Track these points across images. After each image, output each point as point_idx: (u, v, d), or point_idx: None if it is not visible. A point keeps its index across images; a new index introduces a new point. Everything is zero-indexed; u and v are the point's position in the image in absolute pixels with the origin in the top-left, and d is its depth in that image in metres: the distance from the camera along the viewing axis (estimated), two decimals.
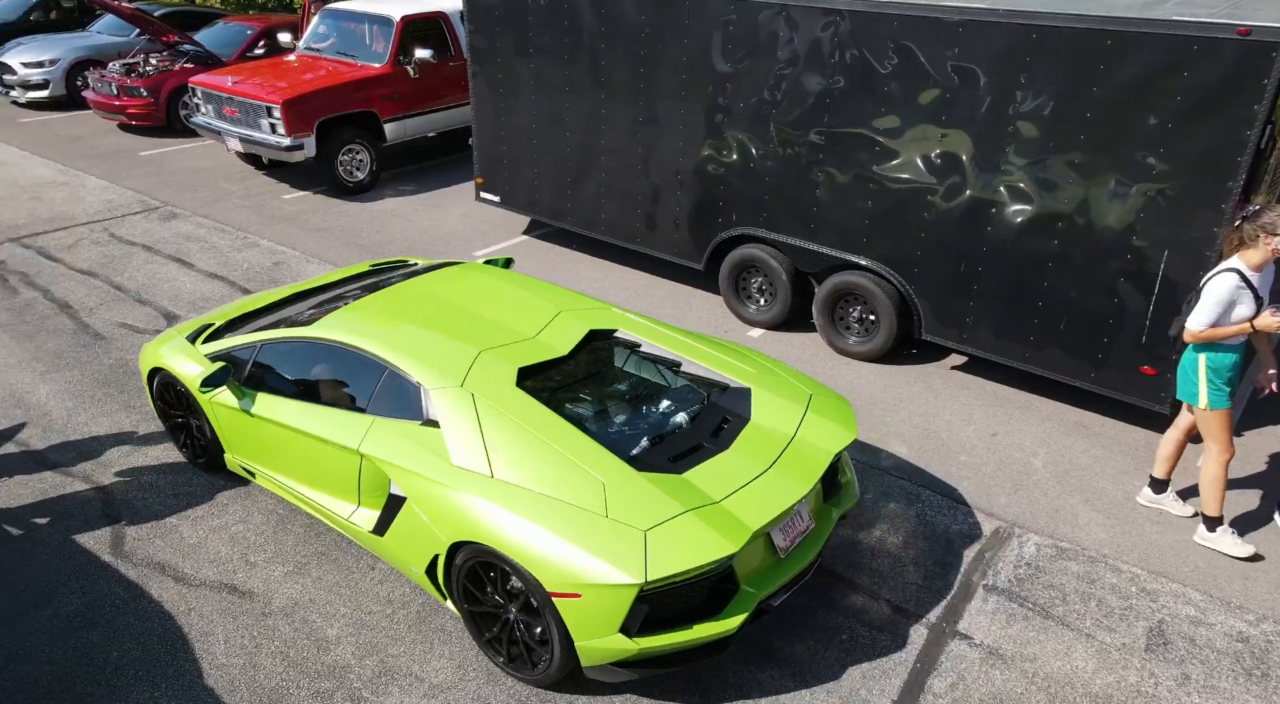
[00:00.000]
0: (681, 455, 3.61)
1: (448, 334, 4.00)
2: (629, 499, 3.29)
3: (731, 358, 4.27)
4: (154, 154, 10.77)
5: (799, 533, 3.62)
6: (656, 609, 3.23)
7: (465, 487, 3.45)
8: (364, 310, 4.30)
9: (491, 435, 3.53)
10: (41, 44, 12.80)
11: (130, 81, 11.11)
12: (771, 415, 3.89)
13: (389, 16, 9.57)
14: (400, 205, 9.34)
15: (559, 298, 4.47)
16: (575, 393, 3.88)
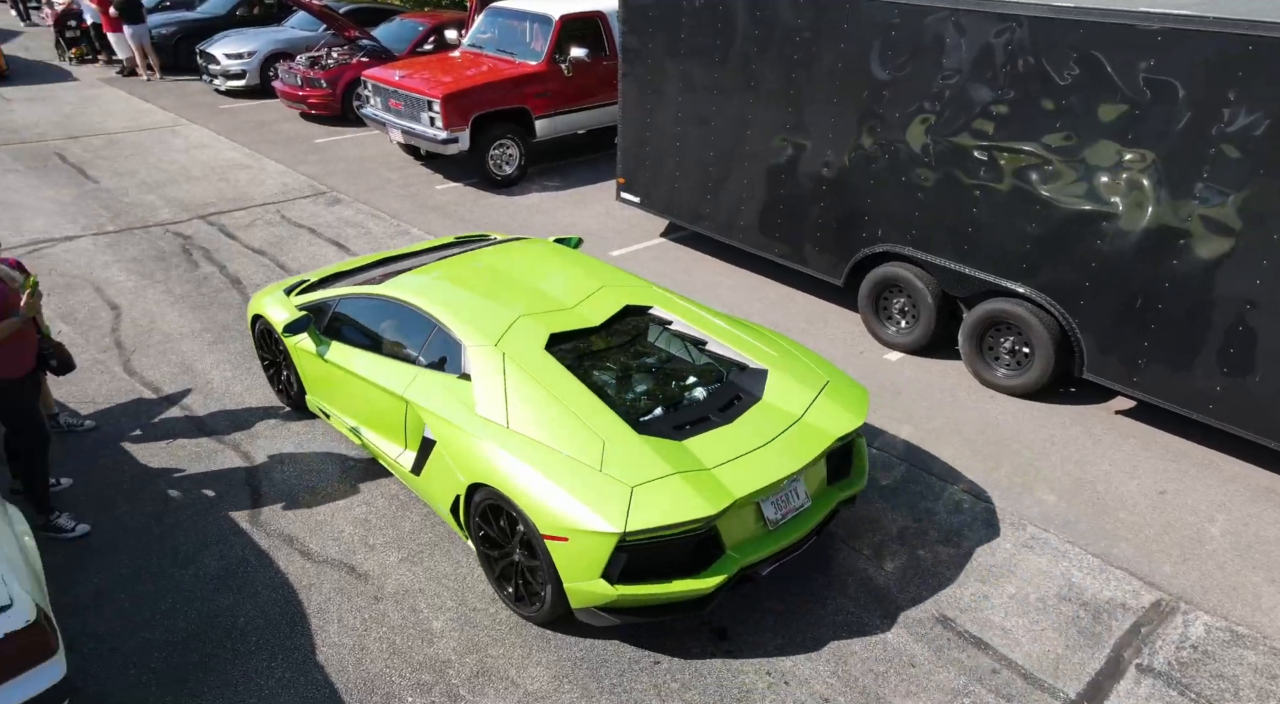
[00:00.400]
0: (686, 425, 3.85)
1: (494, 299, 4.38)
2: (624, 458, 3.57)
3: (757, 341, 4.45)
4: (327, 141, 11.53)
5: (792, 509, 3.80)
6: (639, 560, 3.48)
7: (484, 434, 3.82)
8: (428, 274, 4.74)
9: (513, 391, 3.87)
10: (242, 37, 14.01)
11: (313, 73, 11.96)
12: (783, 396, 4.07)
13: (549, 15, 9.76)
14: (544, 200, 9.52)
15: (605, 274, 4.76)
16: (599, 360, 4.16)
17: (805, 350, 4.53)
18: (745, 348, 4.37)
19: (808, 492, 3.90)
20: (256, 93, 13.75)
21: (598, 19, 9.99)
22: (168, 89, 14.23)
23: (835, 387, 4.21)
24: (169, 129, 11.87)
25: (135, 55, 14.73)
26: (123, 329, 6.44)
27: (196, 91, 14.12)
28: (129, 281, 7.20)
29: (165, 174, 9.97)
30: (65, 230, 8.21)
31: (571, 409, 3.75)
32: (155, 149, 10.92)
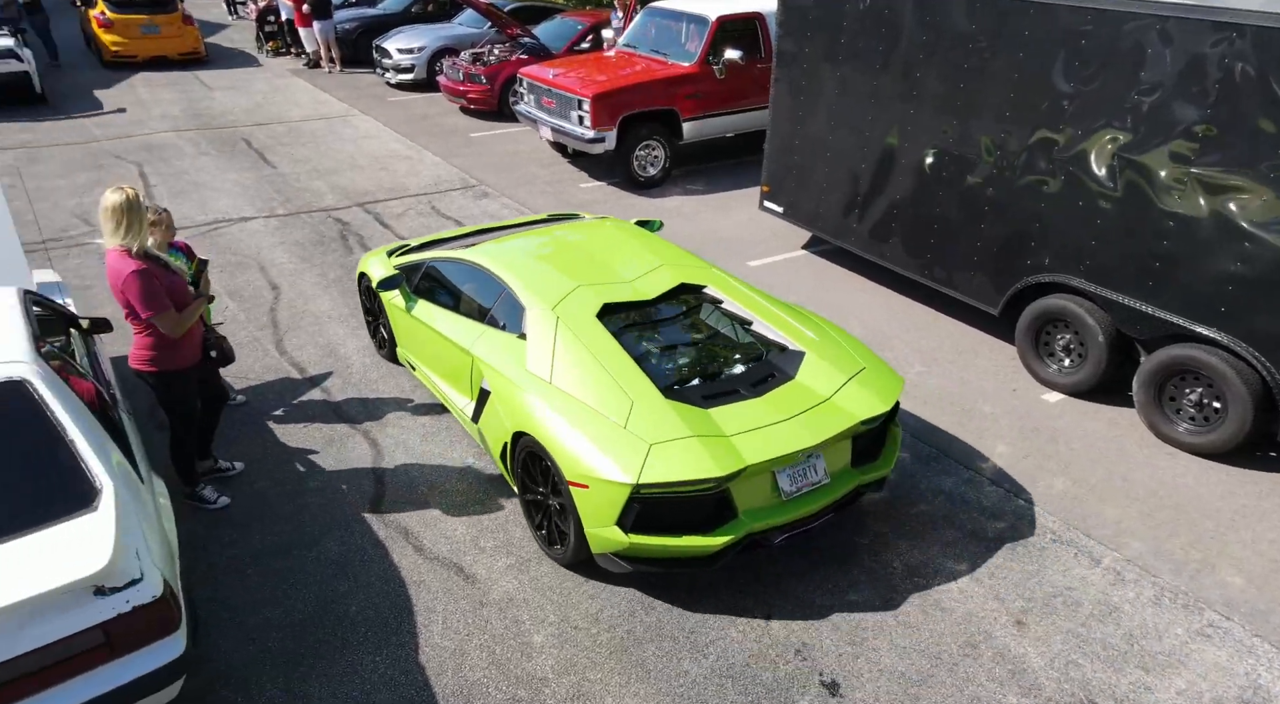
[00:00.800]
0: (714, 396, 4.06)
1: (560, 270, 4.71)
2: (648, 418, 3.84)
3: (803, 326, 4.59)
4: (481, 136, 11.89)
5: (809, 483, 3.96)
6: (651, 512, 3.74)
7: (529, 387, 4.19)
8: (507, 243, 5.19)
9: (559, 350, 4.21)
10: (414, 33, 14.72)
11: (474, 69, 12.36)
12: (814, 377, 4.22)
13: (705, 16, 9.58)
14: (685, 204, 9.37)
15: (667, 253, 5.02)
16: (646, 330, 4.45)
17: (850, 338, 4.66)
18: (789, 331, 4.55)
19: (828, 469, 4.06)
20: (423, 86, 14.39)
21: (756, 20, 9.72)
22: (345, 81, 15.16)
23: (870, 373, 4.32)
24: (342, 119, 12.62)
25: (320, 49, 15.81)
26: (280, 309, 6.84)
27: (369, 84, 14.97)
28: (290, 263, 7.65)
29: (334, 162, 10.59)
30: (243, 211, 8.85)
31: (608, 371, 4.06)
32: (328, 138, 11.63)
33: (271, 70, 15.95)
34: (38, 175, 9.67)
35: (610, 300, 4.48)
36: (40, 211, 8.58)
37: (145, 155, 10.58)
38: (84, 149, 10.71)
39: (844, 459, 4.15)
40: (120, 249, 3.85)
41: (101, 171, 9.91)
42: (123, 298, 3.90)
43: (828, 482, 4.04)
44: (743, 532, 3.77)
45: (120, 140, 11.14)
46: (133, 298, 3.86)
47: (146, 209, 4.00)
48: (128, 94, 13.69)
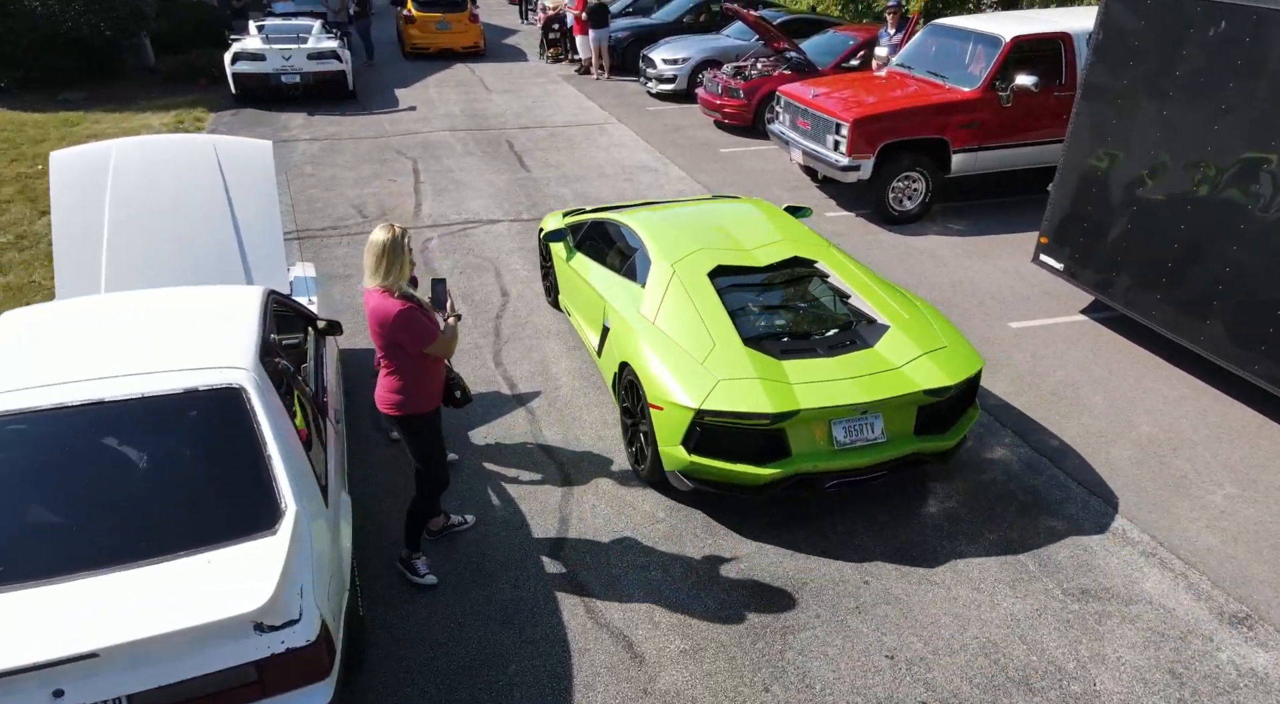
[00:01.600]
0: (792, 351, 4.52)
1: (690, 235, 5.34)
2: (724, 359, 4.39)
3: (898, 304, 4.90)
4: (731, 152, 11.55)
5: (863, 438, 4.32)
6: (712, 437, 4.25)
7: (637, 326, 4.87)
8: (656, 211, 5.97)
9: (668, 298, 4.84)
10: (681, 44, 14.74)
11: (733, 83, 12.06)
12: (891, 347, 4.56)
13: (998, 36, 8.46)
14: (942, 246, 8.36)
15: (794, 231, 5.51)
16: (750, 291, 4.94)
17: (943, 321, 4.89)
18: (882, 307, 4.90)
19: (885, 429, 4.37)
20: (683, 97, 14.37)
21: (1060, 42, 8.43)
22: (610, 88, 15.56)
23: (947, 352, 4.57)
24: (599, 127, 12.89)
25: (592, 57, 16.40)
26: (505, 317, 6.93)
27: (632, 92, 15.23)
28: (523, 270, 7.77)
29: (583, 169, 10.77)
30: (492, 214, 9.21)
31: (702, 318, 4.65)
32: (582, 145, 11.91)
33: (547, 75, 16.79)
34: (332, 165, 10.78)
35: (724, 263, 5.06)
36: (326, 201, 9.50)
37: (421, 152, 11.44)
38: (374, 143, 11.82)
39: (907, 425, 4.44)
40: (381, 290, 3.68)
41: (383, 165, 10.84)
42: (388, 336, 3.70)
43: (883, 440, 4.38)
44: (791, 469, 4.25)
45: (405, 136, 12.17)
46: (407, 335, 3.67)
47: (409, 249, 3.75)
48: (420, 94, 15.02)
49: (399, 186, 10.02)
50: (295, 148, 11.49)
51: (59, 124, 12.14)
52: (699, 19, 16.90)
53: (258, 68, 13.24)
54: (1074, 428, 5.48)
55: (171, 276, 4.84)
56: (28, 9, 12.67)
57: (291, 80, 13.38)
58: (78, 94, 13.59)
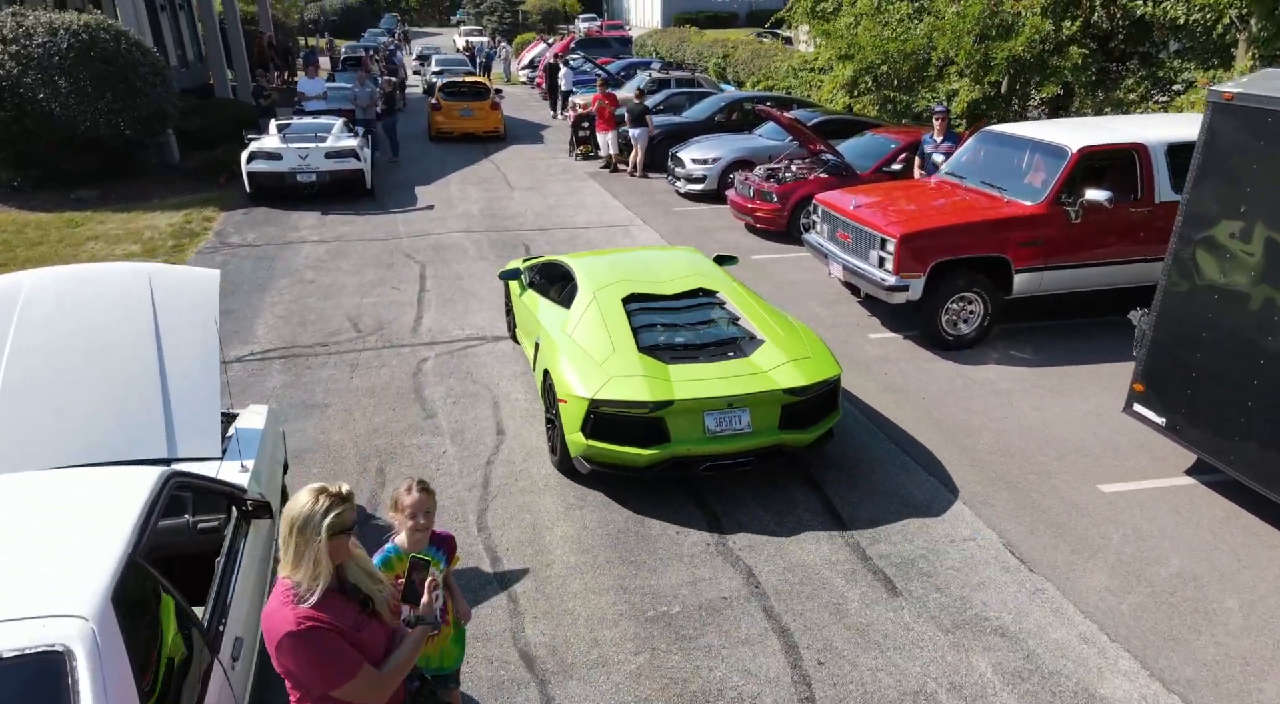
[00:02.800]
0: (679, 358, 5.54)
1: (617, 271, 6.37)
2: (619, 362, 5.40)
3: (777, 325, 5.87)
4: (763, 259, 10.71)
5: (730, 428, 5.24)
6: (605, 424, 5.20)
7: (559, 340, 5.83)
8: (595, 255, 6.98)
9: (585, 316, 5.86)
10: (712, 143, 14.19)
11: (765, 186, 11.33)
12: (763, 356, 5.54)
13: (1063, 146, 7.58)
14: (1006, 378, 7.27)
15: (705, 270, 6.50)
16: (655, 313, 5.98)
17: (813, 338, 5.85)
18: (764, 327, 5.81)
19: (751, 422, 5.26)
20: (712, 198, 13.71)
21: (1135, 153, 7.51)
22: (638, 187, 15.00)
23: (809, 361, 5.52)
24: (622, 228, 12.19)
25: (613, 152, 15.98)
26: (496, 463, 5.94)
27: (659, 191, 14.64)
28: (524, 401, 6.83)
29: None
30: (498, 329, 8.37)
31: (608, 331, 5.61)
32: (603, 248, 11.17)
33: (573, 172, 16.35)
34: (336, 269, 10.12)
35: (637, 291, 6.07)
36: (321, 312, 8.76)
37: (431, 255, 10.77)
38: (384, 245, 11.20)
39: (772, 420, 5.29)
40: (288, 583, 2.39)
41: (390, 270, 10.15)
42: (277, 662, 2.39)
43: (749, 431, 5.23)
44: (669, 452, 5.14)
45: (417, 238, 11.56)
46: (298, 669, 2.35)
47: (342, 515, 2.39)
48: (441, 191, 14.58)
49: (401, 296, 9.27)
50: (300, 250, 10.90)
51: (62, 224, 11.76)
52: (730, 117, 16.46)
53: (273, 167, 12.89)
54: (1207, 648, 4.25)
55: (72, 444, 3.95)
56: (45, 109, 12.50)
57: (307, 179, 12.98)
58: (91, 192, 13.32)
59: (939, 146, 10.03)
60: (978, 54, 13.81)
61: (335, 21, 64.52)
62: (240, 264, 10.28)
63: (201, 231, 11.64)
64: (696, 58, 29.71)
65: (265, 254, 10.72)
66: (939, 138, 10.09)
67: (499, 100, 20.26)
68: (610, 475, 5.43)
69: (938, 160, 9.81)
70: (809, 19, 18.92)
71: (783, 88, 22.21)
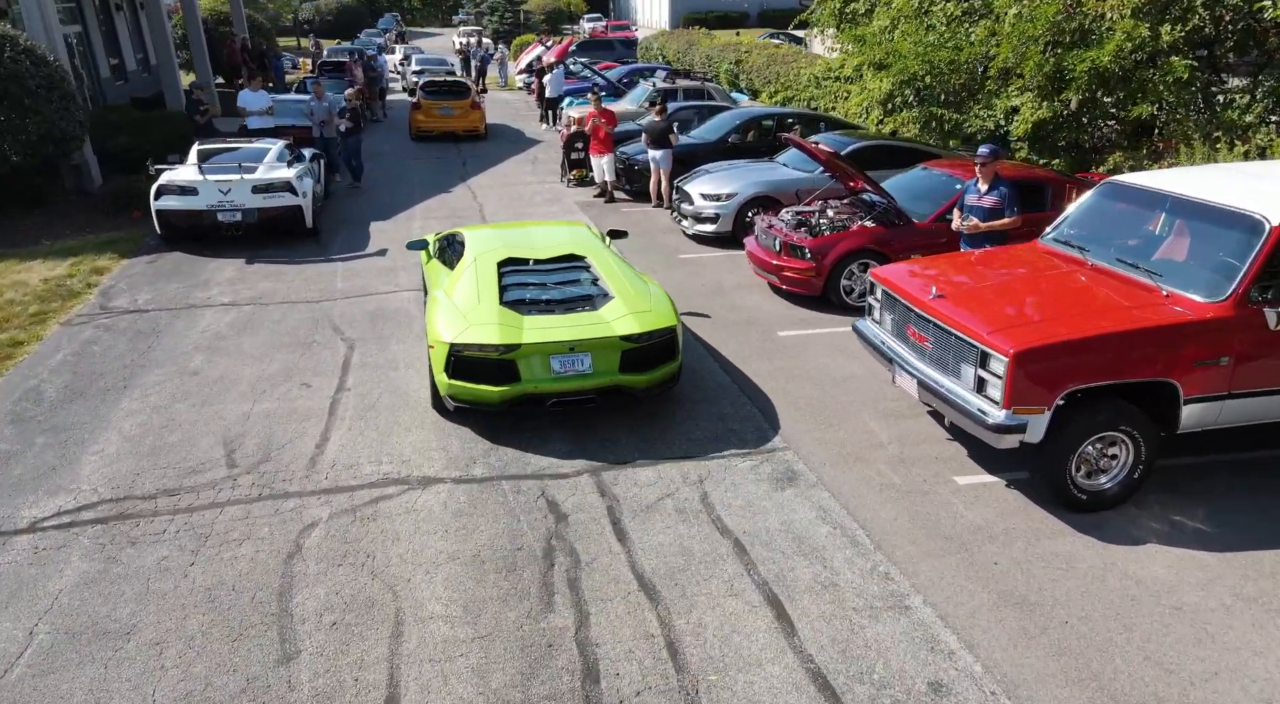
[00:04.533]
0: (534, 310, 6.29)
1: (501, 241, 7.29)
2: (481, 313, 6.16)
3: (630, 284, 6.67)
4: (792, 336, 8.26)
5: (573, 370, 5.98)
6: (464, 365, 5.94)
7: (437, 295, 6.68)
8: (488, 228, 8.14)
9: (461, 277, 6.69)
10: (726, 175, 11.71)
11: (795, 238, 8.88)
12: (609, 310, 6.28)
13: (1259, 218, 5.10)
14: (1161, 558, 4.81)
15: (583, 241, 7.37)
16: (524, 274, 6.80)
17: (661, 298, 6.64)
18: (617, 286, 6.59)
19: (593, 365, 6.00)
20: (726, 242, 11.27)
21: None
22: (636, 221, 12.56)
23: (648, 313, 6.28)
24: None
25: (610, 179, 13.56)
26: None
27: (662, 229, 12.19)
28: (448, 611, 4.38)
29: None
30: (428, 464, 5.93)
31: (478, 288, 6.45)
32: None
33: (561, 202, 13.93)
34: (234, 353, 7.70)
35: (513, 255, 6.96)
36: (189, 432, 6.32)
37: (365, 329, 8.34)
38: (310, 311, 8.79)
39: (612, 364, 6.06)
40: None
41: (306, 354, 7.74)
42: None
43: (590, 372, 6.01)
44: (519, 390, 5.92)
45: (354, 301, 9.13)
46: None
47: None
48: (401, 228, 12.16)
49: (309, 400, 6.85)
50: (200, 319, 8.49)
51: None
52: (746, 138, 13.99)
53: (187, 204, 10.49)
54: None
55: None
56: None
57: (230, 218, 10.58)
58: None
59: (982, 197, 7.56)
60: (1047, 65, 11.33)
61: (331, 22, 62.22)
62: (112, 344, 7.88)
63: (83, 290, 9.26)
64: (706, 63, 27.21)
65: (152, 326, 8.32)
66: (983, 187, 7.60)
67: (480, 100, 20.77)
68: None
69: (976, 218, 7.43)
70: (835, 21, 16.48)
71: (803, 99, 19.74)
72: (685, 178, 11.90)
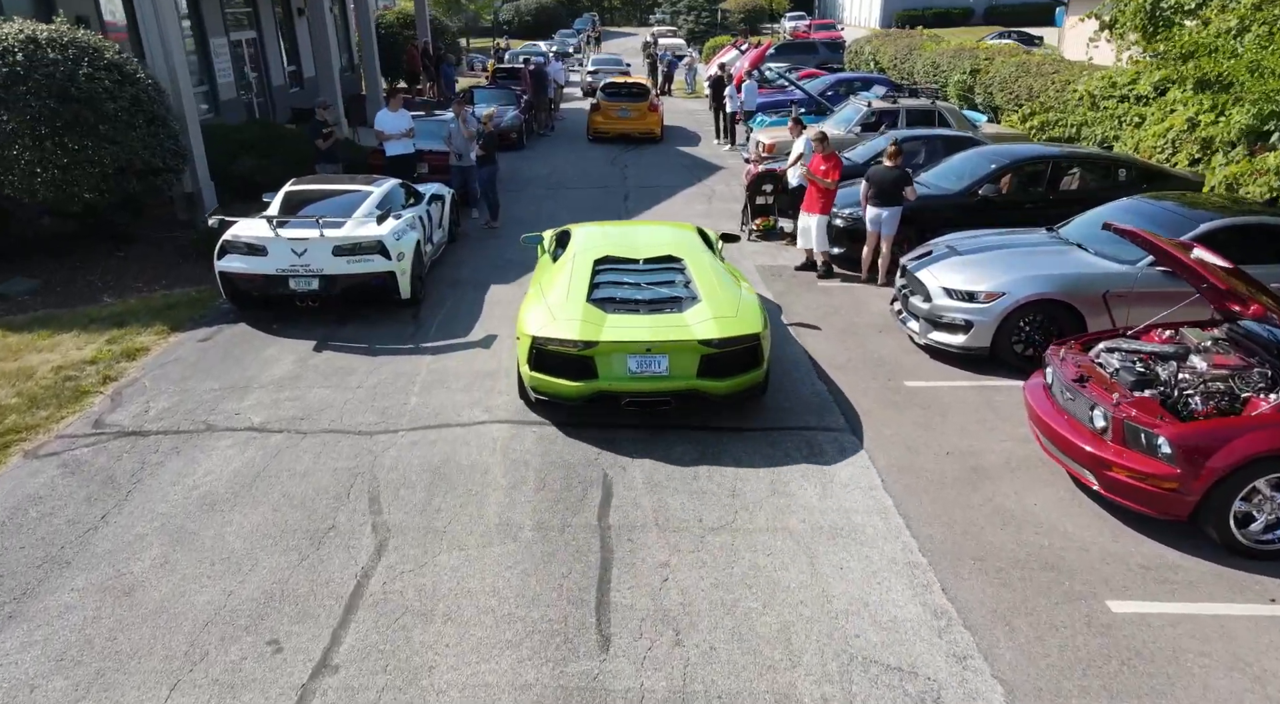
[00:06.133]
0: (620, 309, 6.39)
1: (605, 239, 7.63)
2: (566, 308, 6.32)
3: (721, 290, 6.60)
4: (1142, 615, 4.42)
5: (649, 371, 6.02)
6: (545, 359, 6.12)
7: (532, 290, 7.03)
8: (599, 225, 8.69)
9: (557, 272, 6.99)
10: (983, 260, 7.77)
11: (1133, 414, 4.97)
12: (693, 313, 6.28)
13: None
14: None
15: (685, 242, 7.51)
16: (619, 273, 6.96)
17: (750, 302, 6.55)
18: (706, 289, 6.58)
19: (670, 367, 6.02)
20: (981, 361, 7.44)
21: None
22: (836, 306, 8.97)
23: (732, 319, 6.22)
24: (807, 451, 6.26)
25: (823, 251, 9.93)
26: None
27: (876, 323, 8.52)
28: None
29: (728, 605, 4.20)
30: None
31: (569, 284, 6.63)
32: (757, 520, 5.33)
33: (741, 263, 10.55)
34: (206, 548, 5.00)
35: (610, 254, 7.18)
36: None
37: (415, 506, 5.39)
38: (353, 455, 6.02)
39: (690, 367, 6.05)
40: None
41: (309, 559, 4.91)
42: None
43: (666, 375, 6.03)
44: (594, 387, 6.04)
45: (421, 435, 6.28)
46: None
47: None
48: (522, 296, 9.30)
49: (279, 675, 3.98)
50: (200, 463, 5.94)
51: None
52: (1002, 191, 9.92)
53: (255, 266, 8.16)
54: None
55: None
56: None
57: (305, 287, 8.15)
58: (28, 284, 9.28)
59: None
60: None
61: (529, 22, 62.12)
62: (64, 501, 5.46)
63: (96, 387, 7.06)
64: (931, 73, 22.64)
65: (140, 463, 5.88)
66: None
67: (658, 102, 20.33)
68: None
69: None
70: (1140, 22, 11.93)
71: (1070, 124, 15.05)
72: (921, 258, 8.12)
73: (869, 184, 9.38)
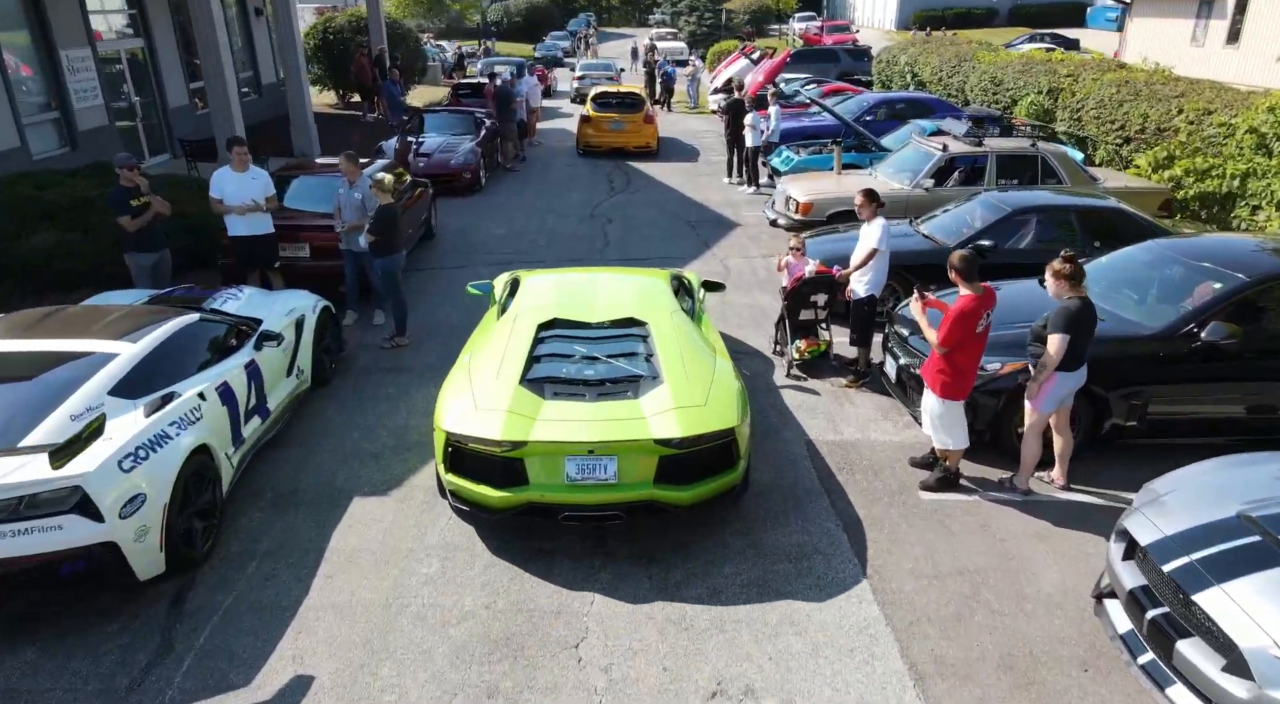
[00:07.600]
0: (560, 392, 5.03)
1: (557, 293, 6.36)
2: (493, 392, 4.97)
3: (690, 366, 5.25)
4: None
5: (593, 477, 4.68)
6: (462, 459, 4.80)
7: (461, 359, 5.66)
8: (554, 273, 7.21)
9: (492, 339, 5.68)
10: None
11: None
12: (651, 400, 4.92)
13: None
14: None
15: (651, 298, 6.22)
16: (567, 341, 5.59)
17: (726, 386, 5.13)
18: (672, 367, 5.23)
19: (619, 472, 4.68)
20: None
21: None
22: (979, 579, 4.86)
23: (700, 410, 4.83)
24: None
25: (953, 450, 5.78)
26: None
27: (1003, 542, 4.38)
28: None
29: None
30: None
31: (502, 358, 5.31)
32: None
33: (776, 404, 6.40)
34: None
35: (560, 317, 5.85)
36: None
37: None
38: None
39: (646, 472, 4.72)
40: None
41: None
42: None
43: (615, 482, 4.68)
44: (524, 497, 4.69)
45: None
46: None
47: None
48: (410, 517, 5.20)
49: None
50: None
51: None
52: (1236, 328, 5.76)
53: None
54: None
55: None
56: None
57: None
58: None
59: None
60: None
61: (519, 23, 57.62)
62: None
63: None
64: (990, 91, 18.35)
65: None
66: None
67: (653, 112, 18.74)
68: None
69: None
70: None
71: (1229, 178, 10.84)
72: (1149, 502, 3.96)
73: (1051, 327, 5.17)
